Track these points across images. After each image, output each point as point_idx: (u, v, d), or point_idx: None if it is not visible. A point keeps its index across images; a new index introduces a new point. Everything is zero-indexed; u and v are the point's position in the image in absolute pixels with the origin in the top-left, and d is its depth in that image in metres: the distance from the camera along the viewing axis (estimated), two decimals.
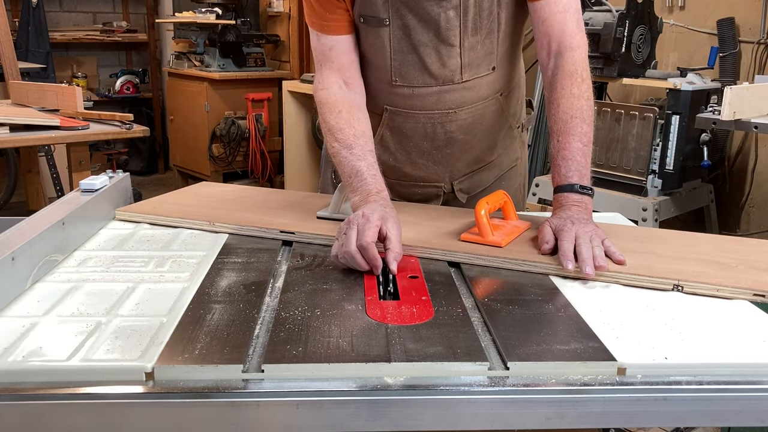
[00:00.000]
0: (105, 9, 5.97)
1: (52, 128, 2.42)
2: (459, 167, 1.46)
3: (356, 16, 1.31)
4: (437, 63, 1.31)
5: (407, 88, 1.35)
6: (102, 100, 5.51)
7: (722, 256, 1.11)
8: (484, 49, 1.32)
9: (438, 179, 1.47)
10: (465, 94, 1.35)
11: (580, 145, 1.20)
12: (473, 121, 1.39)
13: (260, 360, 0.77)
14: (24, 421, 0.72)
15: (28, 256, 0.97)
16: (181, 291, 0.96)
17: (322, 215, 1.28)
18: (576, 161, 1.19)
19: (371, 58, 1.36)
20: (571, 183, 1.18)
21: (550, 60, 1.29)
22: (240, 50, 4.73)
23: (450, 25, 1.28)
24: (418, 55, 1.31)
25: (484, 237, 1.13)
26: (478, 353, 0.79)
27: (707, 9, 3.31)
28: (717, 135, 3.05)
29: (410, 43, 1.30)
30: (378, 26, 1.29)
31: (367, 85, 1.39)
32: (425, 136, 1.40)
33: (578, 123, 1.20)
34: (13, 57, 3.20)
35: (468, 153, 1.44)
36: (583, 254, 1.03)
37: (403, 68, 1.33)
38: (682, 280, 1.01)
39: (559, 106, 1.23)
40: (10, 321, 0.86)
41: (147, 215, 1.30)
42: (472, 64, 1.33)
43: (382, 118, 1.41)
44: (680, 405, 0.76)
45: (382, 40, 1.31)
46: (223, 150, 4.73)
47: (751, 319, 0.91)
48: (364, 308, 0.91)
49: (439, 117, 1.37)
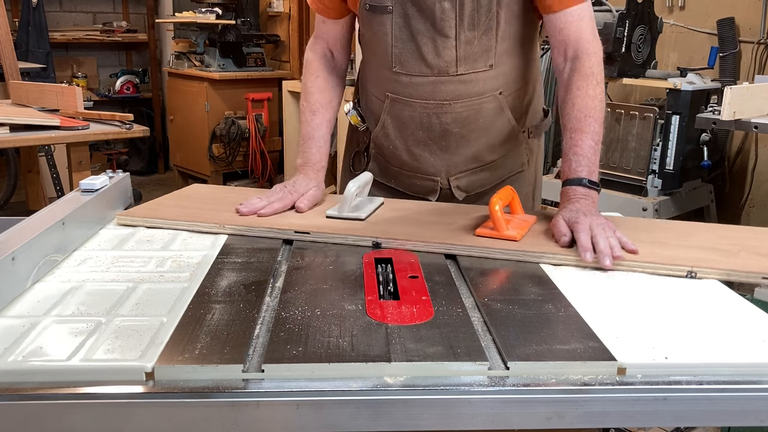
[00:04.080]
0: (105, 9, 5.97)
1: (52, 128, 2.42)
2: (455, 162, 1.47)
3: (362, 3, 1.38)
4: (433, 53, 1.35)
5: (405, 75, 1.39)
6: (102, 100, 5.51)
7: (723, 243, 1.15)
8: (481, 45, 1.35)
9: (434, 172, 1.48)
10: (461, 87, 1.38)
11: (592, 143, 1.26)
12: (469, 116, 1.41)
13: (260, 360, 0.77)
14: (24, 421, 0.72)
15: (28, 256, 0.97)
16: (181, 291, 0.96)
17: (332, 214, 1.28)
18: (587, 158, 1.26)
19: (376, 46, 1.41)
20: (580, 177, 1.24)
21: (566, 63, 1.34)
22: (240, 50, 4.73)
23: (445, 16, 1.32)
24: (416, 43, 1.36)
25: (500, 231, 1.16)
26: (478, 353, 0.79)
27: (707, 9, 3.31)
28: (717, 135, 3.05)
29: (409, 31, 1.35)
30: (382, 13, 1.36)
31: (372, 72, 1.49)
32: (421, 126, 1.43)
33: (591, 122, 1.27)
34: (13, 57, 3.20)
35: (464, 148, 1.45)
36: (601, 245, 1.08)
37: (402, 55, 1.38)
38: (695, 267, 1.05)
39: (574, 105, 1.28)
40: (10, 321, 0.86)
41: (150, 219, 1.27)
42: (468, 59, 1.35)
43: (384, 105, 1.46)
44: (680, 405, 0.76)
45: (385, 27, 1.37)
46: (223, 150, 4.73)
47: (751, 319, 0.91)
48: (364, 308, 0.91)
49: (434, 107, 1.40)
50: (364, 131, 1.56)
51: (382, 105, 1.46)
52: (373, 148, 1.55)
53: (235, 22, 4.67)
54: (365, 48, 1.49)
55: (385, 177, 1.55)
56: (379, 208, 1.34)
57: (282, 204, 1.30)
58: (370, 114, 1.54)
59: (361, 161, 1.60)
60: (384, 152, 1.53)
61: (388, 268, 1.07)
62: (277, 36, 5.04)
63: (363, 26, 1.43)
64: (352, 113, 1.57)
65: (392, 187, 1.55)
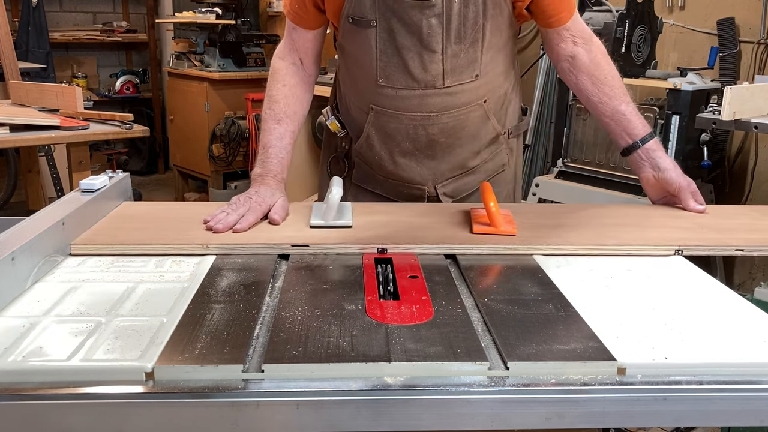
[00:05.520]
0: (105, 9, 5.97)
1: (52, 128, 2.42)
2: (442, 170, 1.47)
3: (344, 16, 1.34)
4: (419, 67, 1.34)
5: (391, 89, 1.38)
6: (102, 100, 5.51)
7: (681, 222, 1.31)
8: (467, 58, 1.35)
9: (421, 181, 1.48)
10: (447, 99, 1.38)
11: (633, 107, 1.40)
12: (455, 126, 1.41)
13: (260, 360, 0.77)
14: (24, 421, 0.72)
15: (28, 256, 0.97)
16: (181, 291, 0.96)
17: (317, 224, 1.22)
18: (641, 117, 1.40)
19: (359, 58, 1.39)
20: (651, 132, 1.39)
21: (576, 48, 1.41)
22: (240, 50, 4.73)
23: (432, 32, 1.31)
24: (402, 58, 1.34)
25: (497, 227, 1.18)
26: (478, 353, 0.79)
27: (707, 9, 3.31)
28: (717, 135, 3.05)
29: (395, 46, 1.33)
30: (366, 27, 1.33)
31: (354, 84, 1.45)
32: (407, 137, 1.42)
33: (624, 92, 1.41)
34: (13, 57, 3.20)
35: (450, 156, 1.46)
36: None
37: (387, 69, 1.36)
38: (682, 246, 1.16)
39: (606, 76, 1.40)
40: (10, 321, 0.86)
41: (115, 246, 1.11)
42: (455, 71, 1.35)
43: (368, 117, 1.44)
44: (680, 405, 0.76)
45: (369, 41, 1.34)
46: (223, 150, 4.73)
47: (751, 319, 0.91)
48: (364, 308, 0.91)
49: (421, 119, 1.39)
50: (343, 137, 1.54)
51: (366, 117, 1.44)
52: (356, 156, 1.53)
53: (235, 22, 4.67)
54: (346, 57, 1.45)
55: (370, 184, 1.54)
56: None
57: (254, 216, 1.21)
58: (352, 123, 1.51)
59: (339, 166, 1.56)
60: (368, 161, 1.51)
61: (387, 268, 1.07)
62: (277, 36, 5.04)
63: (344, 38, 1.40)
64: (331, 120, 1.53)
65: (378, 193, 1.54)
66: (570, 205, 1.50)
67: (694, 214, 1.35)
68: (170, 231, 1.18)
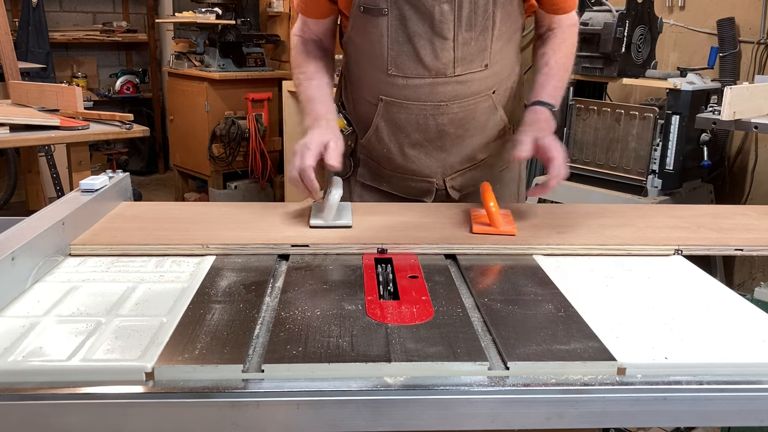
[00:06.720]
0: (105, 9, 5.97)
1: (52, 128, 2.42)
2: (451, 162, 1.48)
3: (356, 6, 1.36)
4: (431, 55, 1.35)
5: (401, 78, 1.38)
6: (102, 100, 5.51)
7: (680, 222, 1.31)
8: (477, 46, 1.36)
9: (430, 174, 1.49)
10: (457, 88, 1.39)
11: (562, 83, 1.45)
12: (465, 116, 1.42)
13: (260, 360, 0.77)
14: (24, 421, 0.72)
15: (28, 256, 0.97)
16: (181, 291, 0.96)
17: (317, 224, 1.22)
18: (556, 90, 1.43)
19: (368, 48, 1.40)
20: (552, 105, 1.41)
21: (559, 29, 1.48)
22: (240, 50, 4.72)
23: (444, 18, 1.32)
24: (413, 45, 1.35)
25: (497, 227, 1.19)
26: (478, 353, 0.79)
27: (707, 9, 3.31)
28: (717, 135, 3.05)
29: (406, 33, 1.34)
30: (377, 16, 1.35)
31: (363, 75, 1.47)
32: (417, 128, 1.43)
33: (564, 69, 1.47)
34: (13, 57, 3.20)
35: (460, 148, 1.46)
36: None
37: (398, 58, 1.37)
38: (682, 245, 1.16)
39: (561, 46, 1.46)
40: (10, 321, 0.86)
41: (114, 246, 1.11)
42: (465, 60, 1.36)
43: (377, 109, 1.44)
44: (680, 405, 0.76)
45: (380, 29, 1.35)
46: (223, 150, 4.73)
47: (751, 319, 0.91)
48: (364, 308, 0.91)
49: (431, 109, 1.40)
50: (348, 135, 1.54)
51: (375, 109, 1.45)
52: (362, 153, 1.54)
53: (235, 22, 4.67)
54: (354, 52, 1.47)
55: (376, 181, 1.55)
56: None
57: (312, 168, 1.23)
58: (359, 118, 1.52)
59: (344, 165, 1.54)
60: (376, 156, 1.52)
61: (388, 268, 1.07)
62: (277, 36, 5.04)
63: (353, 29, 1.41)
64: (338, 117, 1.53)
65: (384, 190, 1.54)
66: (570, 205, 1.50)
67: (694, 214, 1.35)
68: (170, 231, 1.19)
